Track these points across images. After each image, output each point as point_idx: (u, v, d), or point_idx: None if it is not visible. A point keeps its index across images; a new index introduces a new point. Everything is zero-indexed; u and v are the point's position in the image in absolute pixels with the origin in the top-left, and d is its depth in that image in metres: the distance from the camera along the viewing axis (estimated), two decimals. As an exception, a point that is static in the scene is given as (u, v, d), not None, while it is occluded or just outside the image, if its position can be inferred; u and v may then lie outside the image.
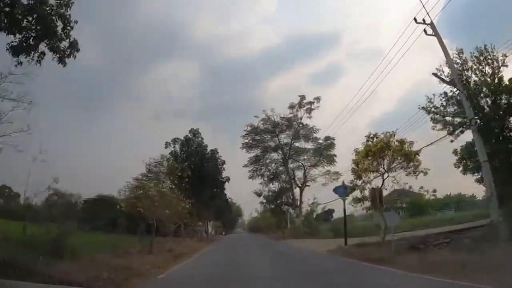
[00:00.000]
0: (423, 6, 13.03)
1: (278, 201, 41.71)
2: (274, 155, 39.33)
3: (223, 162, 31.62)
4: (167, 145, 30.96)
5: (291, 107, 37.46)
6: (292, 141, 37.61)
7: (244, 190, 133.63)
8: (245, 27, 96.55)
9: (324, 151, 35.87)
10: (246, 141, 37.61)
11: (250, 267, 11.39)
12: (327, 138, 35.34)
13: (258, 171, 38.43)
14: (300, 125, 37.25)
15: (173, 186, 22.66)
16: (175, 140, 31.39)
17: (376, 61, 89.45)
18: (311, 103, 36.94)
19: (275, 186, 41.67)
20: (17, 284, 4.03)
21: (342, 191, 17.15)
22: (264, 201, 43.05)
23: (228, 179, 32.19)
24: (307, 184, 37.64)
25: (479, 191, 35.40)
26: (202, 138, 32.14)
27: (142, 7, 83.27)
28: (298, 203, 36.33)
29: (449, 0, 13.92)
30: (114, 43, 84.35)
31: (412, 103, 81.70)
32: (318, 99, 36.97)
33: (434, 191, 46.16)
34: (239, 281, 8.52)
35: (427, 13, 13.31)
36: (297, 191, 38.25)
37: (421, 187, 46.22)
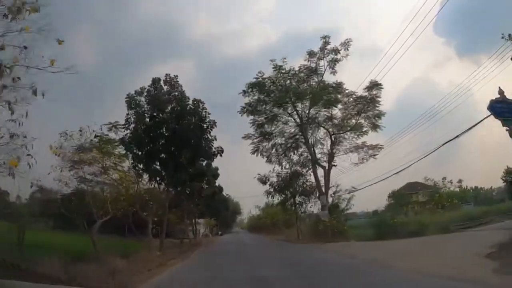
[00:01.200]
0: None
1: (291, 189, 30.38)
2: (287, 127, 27.75)
3: (213, 123, 20.10)
4: (131, 101, 19.44)
5: (311, 54, 25.99)
6: (310, 107, 25.92)
7: (243, 188, 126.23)
8: (243, 26, 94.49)
9: (362, 110, 24.32)
10: (248, 100, 25.91)
11: None
12: (371, 86, 23.63)
13: (266, 140, 26.81)
14: (321, 83, 25.70)
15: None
16: (140, 92, 19.83)
17: (375, 59, 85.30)
18: (336, 50, 25.51)
19: (287, 168, 30.36)
20: (17, 284, 3.64)
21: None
22: (272, 190, 31.53)
23: (220, 151, 20.64)
24: (334, 163, 26.14)
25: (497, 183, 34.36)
26: (183, 91, 20.48)
27: (141, 7, 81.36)
28: (323, 189, 24.82)
29: None
30: (112, 43, 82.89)
31: (411, 100, 77.77)
32: (346, 45, 25.49)
33: (460, 181, 39.54)
34: None
35: None
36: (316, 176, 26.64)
37: (444, 178, 39.51)
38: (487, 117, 8.86)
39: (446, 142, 19.20)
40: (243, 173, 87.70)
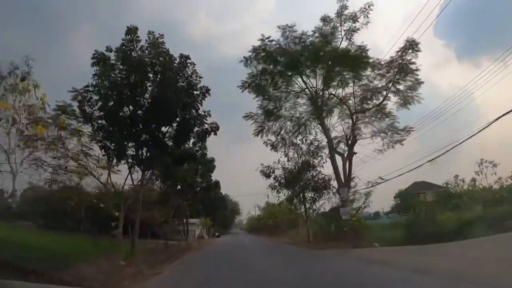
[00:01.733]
0: None
1: (301, 183, 25.70)
2: (296, 110, 22.94)
3: (206, 90, 15.31)
4: (99, 57, 14.48)
5: (325, 21, 21.25)
6: (327, 77, 21.01)
7: (243, 189, 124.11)
8: (243, 26, 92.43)
9: (394, 81, 19.48)
10: (250, 71, 21.06)
11: None
12: (406, 47, 18.68)
13: (273, 119, 21.95)
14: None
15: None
16: (111, 49, 14.87)
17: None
18: (354, 17, 20.73)
19: (295, 158, 25.77)
20: (17, 284, 3.50)
21: None
22: (276, 184, 26.82)
23: (215, 129, 15.84)
24: (354, 151, 21.33)
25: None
26: (171, 54, 15.40)
27: (142, 7, 79.64)
28: (342, 179, 20.06)
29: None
30: (112, 43, 79.34)
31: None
32: (366, 11, 20.68)
33: (473, 180, 36.40)
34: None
35: None
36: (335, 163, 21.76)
37: (456, 176, 36.91)
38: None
39: (482, 129, 15.82)
40: (243, 173, 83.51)
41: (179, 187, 24.24)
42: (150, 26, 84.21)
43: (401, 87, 19.45)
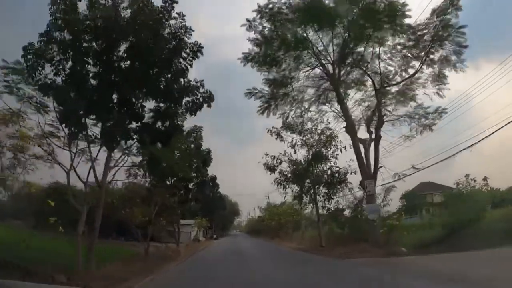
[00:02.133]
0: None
1: (312, 177, 21.99)
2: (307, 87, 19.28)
3: (198, 47, 11.55)
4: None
5: None
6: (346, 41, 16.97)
7: (243, 190, 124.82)
8: (242, 29, 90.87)
9: (430, 48, 15.67)
10: (255, 36, 17.24)
11: None
12: (448, 2, 14.56)
13: (283, 95, 18.05)
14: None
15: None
16: None
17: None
18: None
19: (304, 146, 22.14)
20: (17, 284, 3.37)
21: None
22: (283, 179, 23.07)
23: (207, 98, 12.00)
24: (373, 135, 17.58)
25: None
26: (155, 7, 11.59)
27: None
28: (370, 170, 16.30)
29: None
30: None
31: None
32: None
33: (485, 179, 34.37)
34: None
35: None
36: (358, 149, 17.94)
37: (467, 175, 34.60)
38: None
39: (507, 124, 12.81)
40: (243, 175, 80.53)
41: (169, 182, 20.64)
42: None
43: (436, 56, 15.74)
